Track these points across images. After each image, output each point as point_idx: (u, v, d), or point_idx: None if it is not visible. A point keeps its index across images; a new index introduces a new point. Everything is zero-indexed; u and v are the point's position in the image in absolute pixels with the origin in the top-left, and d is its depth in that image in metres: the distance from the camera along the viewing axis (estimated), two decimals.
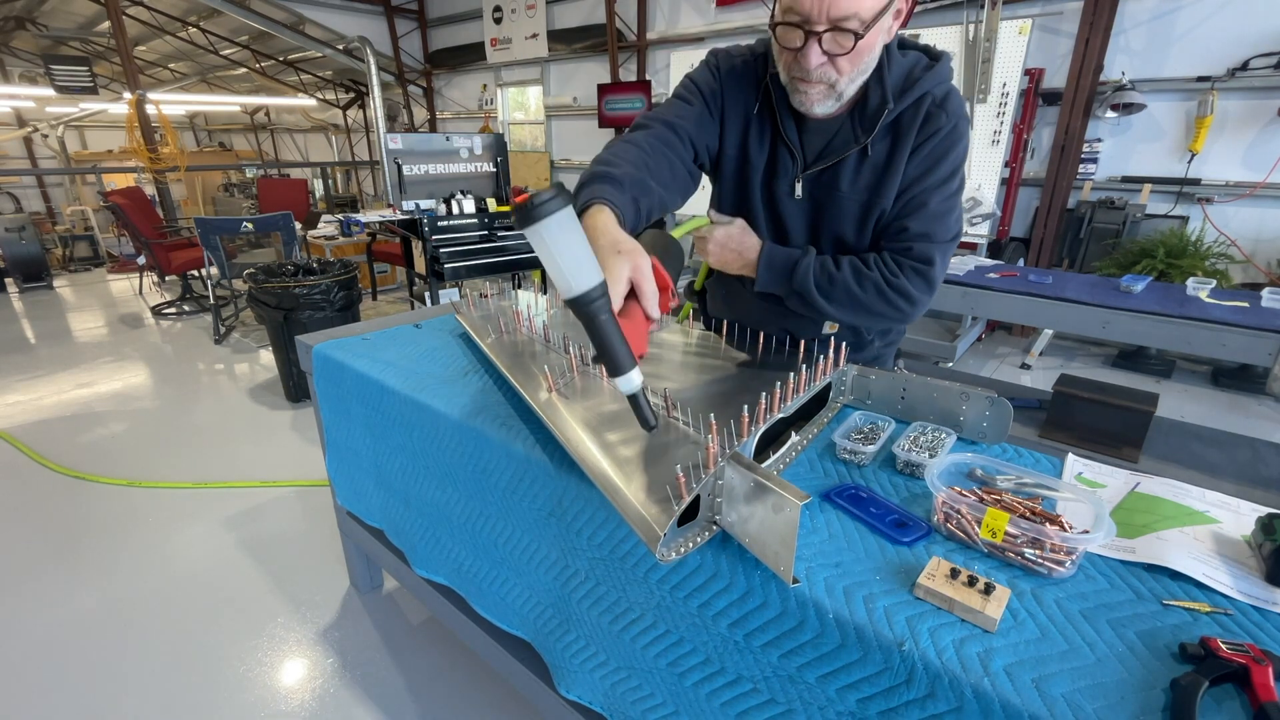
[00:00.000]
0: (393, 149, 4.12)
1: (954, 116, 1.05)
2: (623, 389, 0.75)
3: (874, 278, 1.08)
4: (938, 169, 1.06)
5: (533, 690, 1.25)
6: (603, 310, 0.70)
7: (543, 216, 0.63)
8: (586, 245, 0.68)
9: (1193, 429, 1.76)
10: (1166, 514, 0.86)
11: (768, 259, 1.14)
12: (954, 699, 0.63)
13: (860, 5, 0.90)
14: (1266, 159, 3.60)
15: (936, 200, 1.07)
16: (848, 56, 0.95)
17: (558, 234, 0.65)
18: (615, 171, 0.97)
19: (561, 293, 0.69)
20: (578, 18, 6.75)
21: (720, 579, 0.81)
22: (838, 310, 1.12)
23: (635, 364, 0.74)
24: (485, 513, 1.19)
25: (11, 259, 5.87)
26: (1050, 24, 4.05)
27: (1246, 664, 0.59)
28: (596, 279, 0.69)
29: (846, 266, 1.10)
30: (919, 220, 1.07)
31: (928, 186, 1.07)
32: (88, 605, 1.94)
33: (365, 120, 10.00)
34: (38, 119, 9.98)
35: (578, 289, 0.68)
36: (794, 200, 1.15)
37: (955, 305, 3.18)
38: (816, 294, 1.11)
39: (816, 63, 0.96)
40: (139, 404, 3.42)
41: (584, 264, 0.68)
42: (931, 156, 1.06)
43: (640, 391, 0.76)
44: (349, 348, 1.53)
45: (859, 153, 1.08)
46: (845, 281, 1.09)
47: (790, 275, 1.12)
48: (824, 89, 1.00)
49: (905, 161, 1.07)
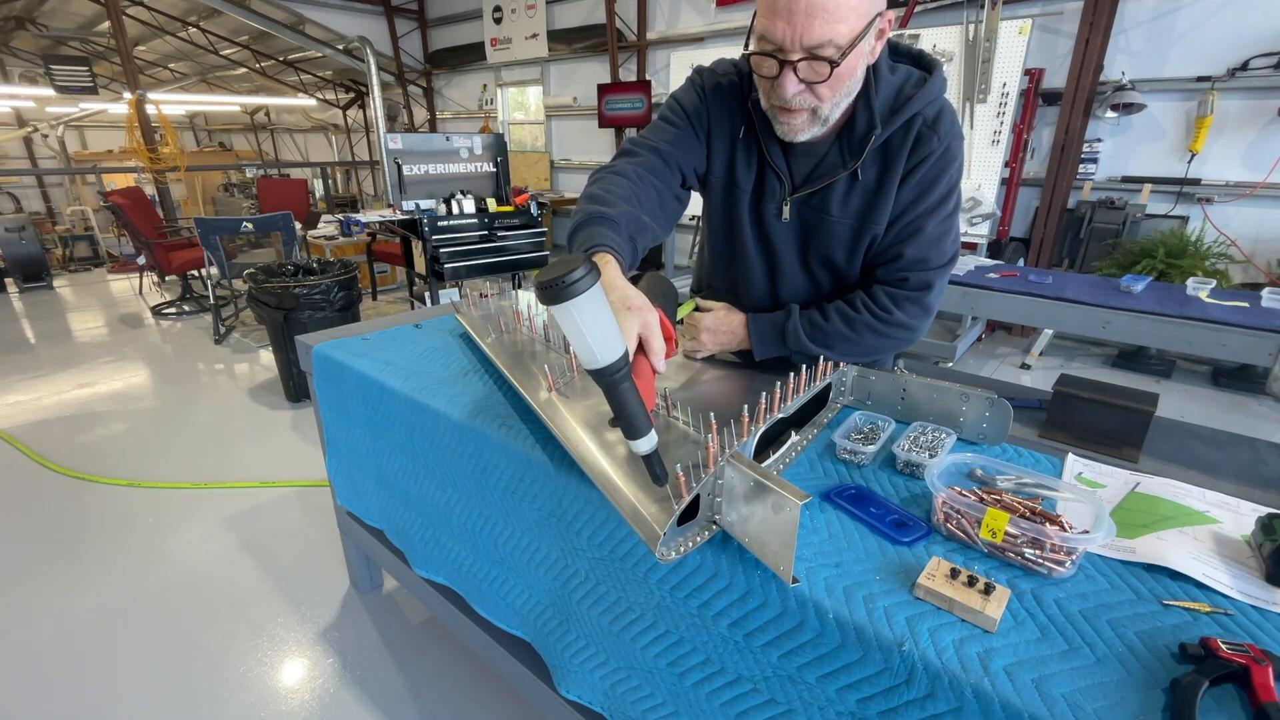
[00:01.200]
0: (393, 149, 4.12)
1: (946, 138, 1.03)
2: (640, 450, 0.74)
3: (864, 320, 1.09)
4: (931, 193, 1.05)
5: (533, 690, 1.25)
6: (625, 379, 0.70)
7: (575, 295, 0.61)
8: (612, 317, 0.67)
9: (1193, 429, 1.76)
10: (1166, 514, 0.86)
11: (756, 332, 1.16)
12: (954, 699, 0.63)
13: (834, 31, 0.86)
14: (1266, 159, 3.60)
15: (932, 225, 1.06)
16: (826, 84, 0.92)
17: (587, 311, 0.63)
18: (611, 211, 0.97)
19: (585, 364, 0.69)
20: (578, 18, 6.75)
21: (720, 579, 0.81)
22: (841, 354, 1.13)
23: (651, 426, 0.73)
24: (485, 513, 1.18)
25: (11, 259, 5.87)
26: (1050, 24, 4.05)
27: (1246, 664, 0.59)
28: (621, 350, 0.68)
29: (834, 315, 1.10)
30: (915, 246, 1.06)
31: (922, 212, 1.05)
32: (88, 605, 1.94)
33: (365, 120, 10.00)
34: (38, 119, 9.98)
35: (604, 361, 0.67)
36: (782, 223, 1.14)
37: (955, 305, 3.18)
38: (814, 347, 1.12)
39: (793, 91, 0.93)
40: (139, 404, 3.42)
41: (611, 337, 0.67)
42: (924, 181, 1.04)
43: (655, 451, 0.75)
44: (349, 348, 1.53)
45: (849, 177, 1.06)
46: (837, 330, 1.10)
47: (782, 339, 1.14)
48: (806, 116, 0.98)
49: (897, 186, 1.05)
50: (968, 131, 4.08)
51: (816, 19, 0.86)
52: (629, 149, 1.14)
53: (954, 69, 4.07)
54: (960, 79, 4.05)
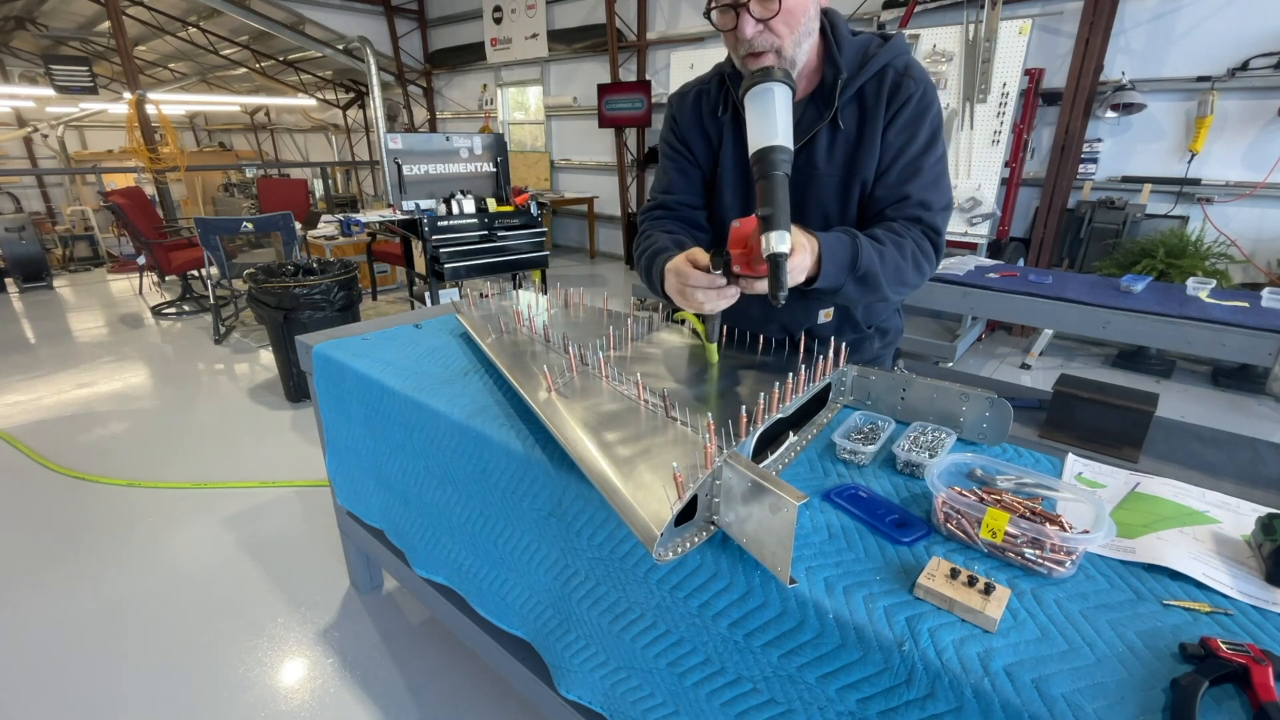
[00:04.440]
0: (393, 149, 4.12)
1: (921, 82, 1.07)
2: (776, 245, 0.81)
3: (909, 246, 1.06)
4: (920, 133, 1.08)
5: (533, 690, 1.25)
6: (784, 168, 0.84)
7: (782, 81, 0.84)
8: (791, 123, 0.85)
9: (1193, 429, 1.76)
10: (1166, 514, 0.86)
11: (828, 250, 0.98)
12: (954, 699, 0.63)
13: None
14: (1266, 159, 3.60)
15: (929, 165, 1.09)
16: (779, 18, 0.97)
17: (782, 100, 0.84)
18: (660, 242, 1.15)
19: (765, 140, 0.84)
20: (578, 18, 6.75)
21: (720, 579, 0.81)
22: (886, 286, 1.04)
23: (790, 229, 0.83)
24: (485, 513, 1.18)
25: (11, 259, 5.87)
26: (1050, 24, 4.05)
27: (1246, 664, 0.59)
28: (790, 144, 0.84)
29: (886, 239, 1.04)
30: (917, 186, 1.09)
31: (916, 153, 1.09)
32: (87, 605, 1.94)
33: (365, 120, 10.00)
34: (38, 119, 9.98)
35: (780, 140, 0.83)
36: None
37: (955, 305, 3.17)
38: (880, 269, 1.02)
39: (752, 31, 0.98)
40: (139, 404, 3.42)
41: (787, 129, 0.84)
42: (911, 124, 1.08)
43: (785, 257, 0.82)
44: (349, 348, 1.53)
45: (830, 129, 1.10)
46: (892, 255, 1.03)
47: (854, 263, 1.00)
48: (772, 58, 1.01)
49: (880, 133, 1.09)
50: (968, 131, 4.08)
51: None
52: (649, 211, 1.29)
53: (954, 69, 4.07)
54: (960, 79, 4.05)
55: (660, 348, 1.28)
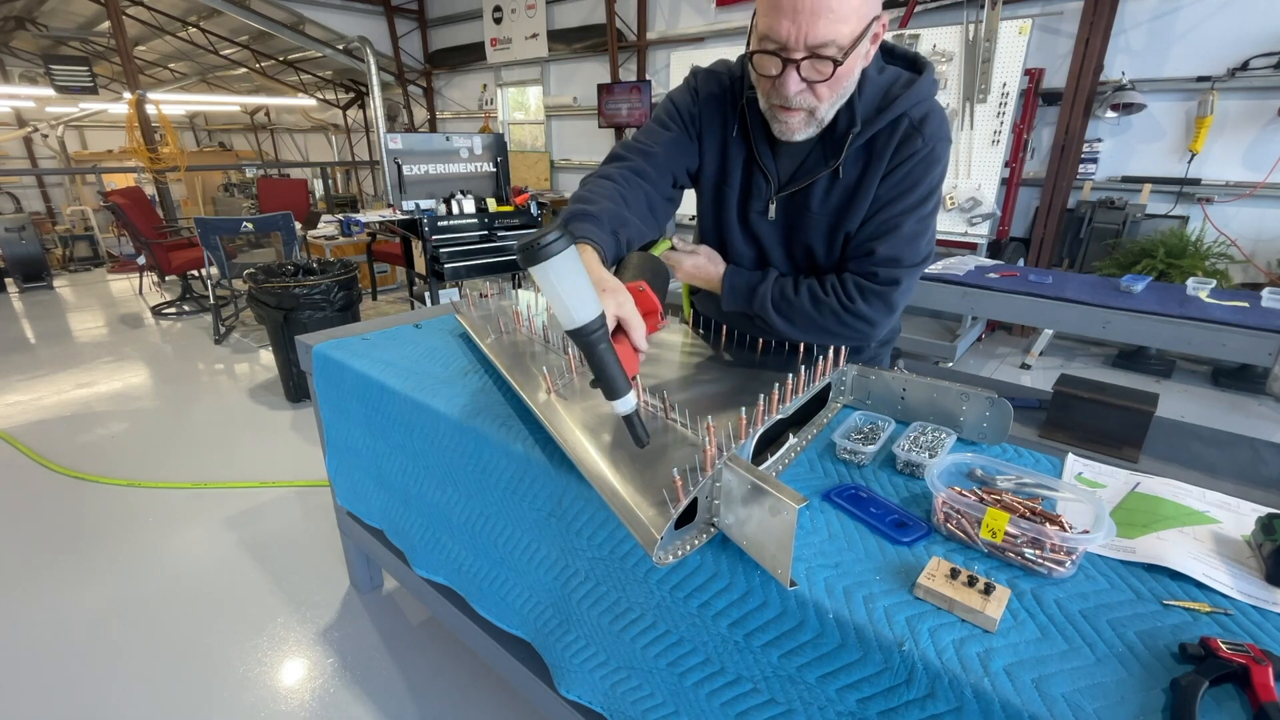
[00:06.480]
0: (393, 149, 4.12)
1: (931, 140, 1.03)
2: (619, 410, 0.78)
3: (830, 304, 1.10)
4: (912, 193, 1.05)
5: (533, 690, 1.25)
6: (601, 340, 0.75)
7: (549, 256, 0.67)
8: (588, 280, 0.72)
9: (1193, 429, 1.76)
10: (1166, 514, 0.86)
11: (730, 285, 1.19)
12: (954, 699, 0.63)
13: (838, 31, 0.88)
14: (1266, 159, 3.60)
15: (909, 224, 1.05)
16: (827, 83, 0.94)
17: (563, 272, 0.69)
18: (593, 209, 1.01)
19: (564, 325, 0.74)
20: (578, 18, 6.75)
21: (720, 579, 0.81)
22: (796, 332, 1.15)
23: (630, 388, 0.78)
24: (485, 513, 1.18)
25: (11, 259, 5.87)
26: (1050, 24, 4.05)
27: (1246, 664, 0.59)
28: (596, 311, 0.73)
29: (805, 291, 1.12)
30: (889, 244, 1.06)
31: (901, 210, 1.05)
32: (87, 605, 1.94)
33: (365, 120, 10.00)
34: (38, 119, 9.98)
35: (580, 320, 0.72)
36: (768, 221, 1.16)
37: (955, 305, 3.17)
38: (775, 316, 1.14)
39: (795, 90, 0.95)
40: (139, 404, 3.42)
41: (586, 298, 0.72)
42: (907, 181, 1.04)
43: (635, 413, 0.79)
44: (349, 348, 1.53)
45: (830, 175, 1.08)
46: (802, 306, 1.12)
47: (750, 298, 1.16)
48: (804, 116, 1.00)
49: (876, 184, 1.06)
50: (968, 131, 4.08)
51: (821, 18, 0.87)
52: (619, 154, 1.16)
53: (954, 69, 4.07)
54: (960, 79, 4.05)
55: (660, 348, 1.28)
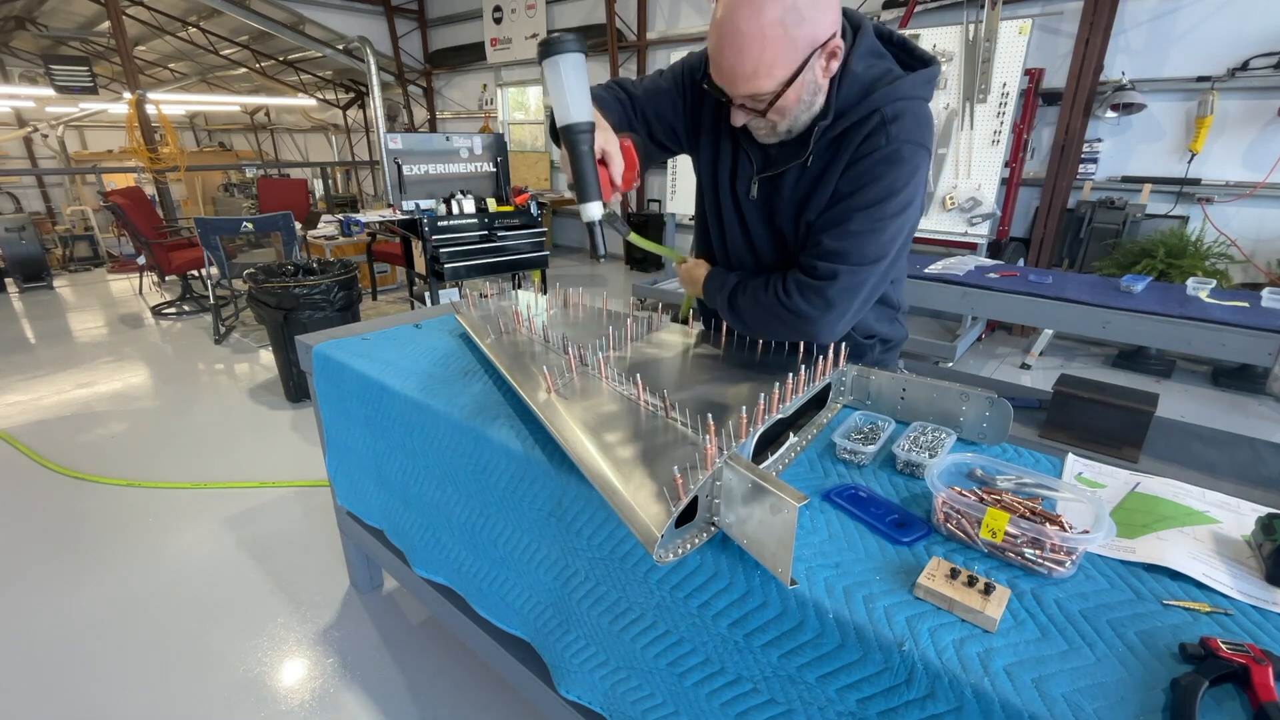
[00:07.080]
0: (393, 149, 4.12)
1: (897, 140, 0.99)
2: (586, 216, 0.89)
3: (767, 300, 1.12)
4: (868, 190, 1.01)
5: (533, 690, 1.25)
6: (585, 143, 0.86)
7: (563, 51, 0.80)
8: (588, 91, 0.84)
9: (1193, 429, 1.76)
10: (1166, 514, 0.86)
11: (705, 286, 1.27)
12: (954, 699, 0.63)
13: (758, 87, 0.93)
14: (1266, 159, 3.60)
15: (859, 221, 1.02)
16: (772, 109, 0.98)
17: (570, 70, 0.81)
18: (601, 92, 1.15)
19: (560, 119, 0.84)
20: (578, 18, 6.75)
21: (720, 579, 0.81)
22: (749, 328, 1.19)
23: (600, 198, 0.90)
24: (485, 513, 1.18)
25: (11, 259, 5.87)
26: (1050, 24, 4.05)
27: (1246, 664, 0.59)
28: (589, 116, 0.85)
29: (750, 290, 1.16)
30: (833, 237, 1.04)
31: (852, 205, 1.03)
32: (87, 605, 1.94)
33: (365, 120, 10.00)
34: (38, 119, 9.98)
35: (574, 118, 0.83)
36: (751, 201, 1.19)
37: (955, 305, 3.18)
38: (729, 314, 1.21)
39: (742, 121, 1.02)
40: (139, 404, 3.42)
41: (583, 103, 0.84)
42: (866, 177, 1.01)
43: (598, 222, 0.91)
44: (349, 348, 1.53)
45: (800, 164, 1.09)
46: (749, 304, 1.16)
47: (714, 298, 1.23)
48: (769, 127, 1.03)
49: (838, 176, 1.05)
50: (968, 131, 4.08)
51: (740, 82, 0.95)
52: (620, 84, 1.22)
53: (954, 69, 4.07)
54: (960, 79, 4.05)
55: (660, 348, 1.28)
